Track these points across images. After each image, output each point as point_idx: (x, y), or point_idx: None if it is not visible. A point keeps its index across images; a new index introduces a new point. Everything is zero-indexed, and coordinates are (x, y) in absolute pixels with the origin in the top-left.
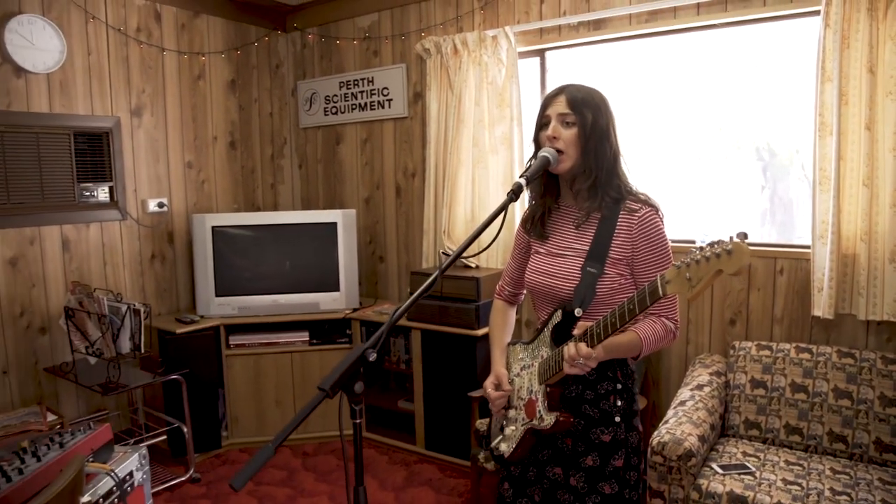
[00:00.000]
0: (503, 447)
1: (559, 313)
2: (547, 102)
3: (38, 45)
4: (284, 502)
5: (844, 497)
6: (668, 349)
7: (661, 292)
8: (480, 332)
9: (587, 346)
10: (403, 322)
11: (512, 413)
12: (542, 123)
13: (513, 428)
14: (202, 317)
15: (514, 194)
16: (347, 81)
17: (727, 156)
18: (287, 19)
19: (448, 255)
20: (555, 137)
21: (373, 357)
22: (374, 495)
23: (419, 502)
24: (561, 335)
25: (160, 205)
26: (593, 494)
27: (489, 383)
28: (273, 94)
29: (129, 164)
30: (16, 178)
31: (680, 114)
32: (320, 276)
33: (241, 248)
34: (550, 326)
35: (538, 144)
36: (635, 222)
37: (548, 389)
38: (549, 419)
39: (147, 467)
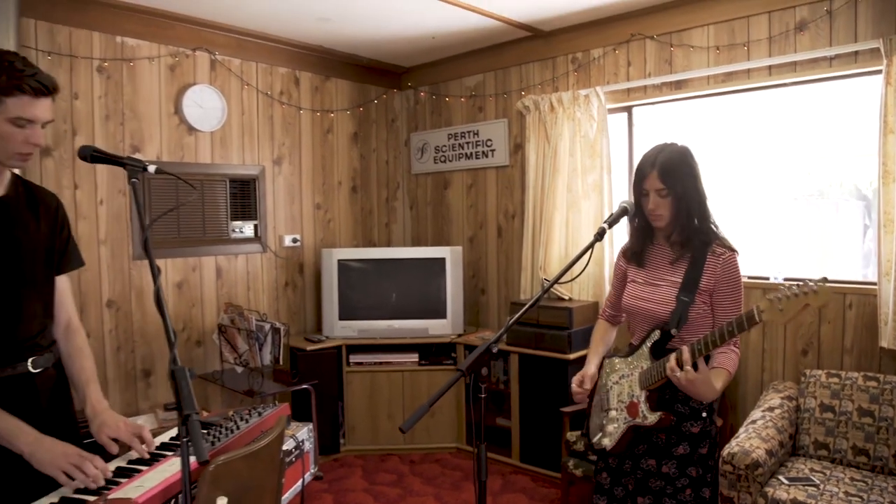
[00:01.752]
0: (605, 441)
1: (657, 332)
2: (643, 175)
3: (206, 107)
4: (395, 500)
5: None
6: (745, 378)
7: (756, 319)
8: (573, 356)
9: (692, 359)
10: (503, 346)
11: (613, 413)
12: (642, 194)
13: (615, 425)
14: (327, 337)
15: (599, 236)
16: (455, 133)
17: (821, 198)
18: (402, 79)
19: (548, 282)
20: (655, 209)
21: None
22: (472, 499)
23: None
24: (659, 350)
25: (294, 240)
26: (682, 478)
27: (576, 379)
28: (389, 145)
29: (270, 205)
30: (185, 217)
31: (761, 160)
32: (429, 304)
33: (362, 279)
34: (649, 343)
35: (638, 204)
36: (720, 263)
37: (648, 393)
38: (652, 417)
39: (312, 439)
